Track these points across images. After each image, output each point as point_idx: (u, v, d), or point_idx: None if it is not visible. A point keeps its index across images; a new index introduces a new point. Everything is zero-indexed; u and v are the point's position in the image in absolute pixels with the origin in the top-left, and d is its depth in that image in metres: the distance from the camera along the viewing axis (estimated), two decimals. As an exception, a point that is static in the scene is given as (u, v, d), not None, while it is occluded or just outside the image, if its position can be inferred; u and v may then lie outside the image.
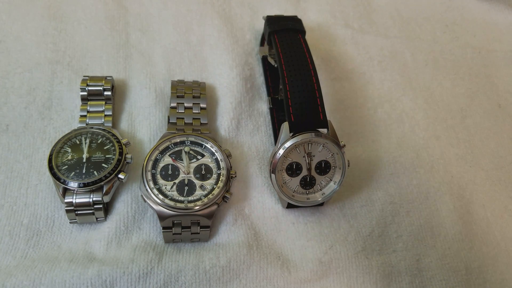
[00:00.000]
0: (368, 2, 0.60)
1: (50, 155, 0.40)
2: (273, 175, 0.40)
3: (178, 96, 0.45)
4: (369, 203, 0.45)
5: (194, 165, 0.41)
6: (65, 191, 0.39)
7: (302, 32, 0.47)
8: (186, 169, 0.40)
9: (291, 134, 0.40)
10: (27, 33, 0.50)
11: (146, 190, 0.39)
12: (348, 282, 0.40)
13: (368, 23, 0.58)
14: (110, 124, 0.44)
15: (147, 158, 0.40)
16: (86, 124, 0.43)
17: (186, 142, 0.42)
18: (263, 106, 0.50)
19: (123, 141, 0.42)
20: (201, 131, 0.43)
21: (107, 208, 0.41)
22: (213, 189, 0.40)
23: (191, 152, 0.41)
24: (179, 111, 0.45)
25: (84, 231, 0.41)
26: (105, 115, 0.44)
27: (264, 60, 0.52)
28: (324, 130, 0.40)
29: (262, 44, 0.53)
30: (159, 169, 0.40)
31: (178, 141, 0.42)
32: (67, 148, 0.41)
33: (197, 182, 0.40)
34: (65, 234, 0.40)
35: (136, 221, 0.41)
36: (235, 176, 0.41)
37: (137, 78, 0.49)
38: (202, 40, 0.53)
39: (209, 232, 0.40)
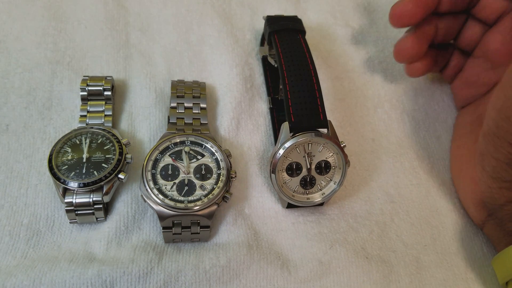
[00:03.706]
0: (368, 2, 0.60)
1: (50, 155, 0.40)
2: (273, 175, 0.40)
3: (178, 96, 0.45)
4: (369, 203, 0.45)
5: (194, 165, 0.41)
6: (65, 191, 0.39)
7: (302, 32, 0.46)
8: (186, 169, 0.40)
9: (291, 134, 0.40)
10: (27, 33, 0.50)
11: (146, 190, 0.39)
12: (348, 282, 0.40)
13: (369, 23, 0.58)
14: (110, 124, 0.44)
15: (147, 158, 0.40)
16: (86, 124, 0.43)
17: (186, 142, 0.42)
18: (263, 106, 0.50)
19: (123, 141, 0.42)
20: (201, 131, 0.43)
21: (107, 208, 0.41)
22: (213, 189, 0.40)
23: (191, 152, 0.41)
24: (179, 111, 0.45)
25: (84, 231, 0.41)
26: (105, 115, 0.44)
27: (264, 60, 0.52)
28: (324, 130, 0.40)
29: (262, 44, 0.53)
30: (159, 169, 0.40)
31: (178, 141, 0.42)
32: (67, 148, 0.41)
33: (197, 182, 0.40)
34: (65, 234, 0.40)
35: (136, 221, 0.41)
36: (235, 176, 0.41)
37: (137, 78, 0.49)
38: (202, 40, 0.53)
39: (209, 232, 0.40)
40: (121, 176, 0.40)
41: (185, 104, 0.45)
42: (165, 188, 0.39)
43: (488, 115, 0.39)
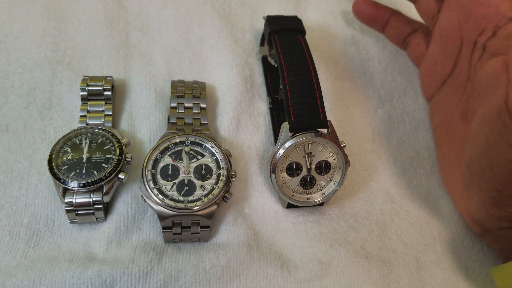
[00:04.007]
0: (368, 2, 0.60)
1: (50, 155, 0.40)
2: (273, 175, 0.40)
3: (178, 96, 0.45)
4: (369, 203, 0.45)
5: (194, 165, 0.41)
6: (65, 191, 0.39)
7: (302, 32, 0.46)
8: (186, 169, 0.40)
9: (291, 134, 0.40)
10: (27, 33, 0.50)
11: (146, 190, 0.39)
12: (348, 282, 0.40)
13: (368, 23, 0.58)
14: (110, 124, 0.44)
15: (147, 158, 0.40)
16: (86, 124, 0.43)
17: (186, 142, 0.42)
18: (263, 106, 0.50)
19: (123, 141, 0.42)
20: (201, 131, 0.43)
21: (107, 208, 0.41)
22: (213, 189, 0.40)
23: (191, 152, 0.41)
24: (179, 111, 0.45)
25: (84, 231, 0.41)
26: (105, 115, 0.44)
27: (264, 60, 0.52)
28: (324, 130, 0.40)
29: (262, 44, 0.53)
30: (159, 169, 0.40)
31: (178, 141, 0.42)
32: (67, 148, 0.41)
33: (197, 182, 0.40)
34: (65, 234, 0.40)
35: (136, 221, 0.41)
36: (235, 176, 0.41)
37: (137, 78, 0.49)
38: (202, 40, 0.53)
39: (209, 232, 0.40)
40: (121, 176, 0.40)
41: (185, 104, 0.45)
42: (165, 188, 0.39)
43: (472, 153, 0.36)
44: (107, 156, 0.40)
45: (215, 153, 0.41)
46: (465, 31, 0.40)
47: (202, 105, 0.45)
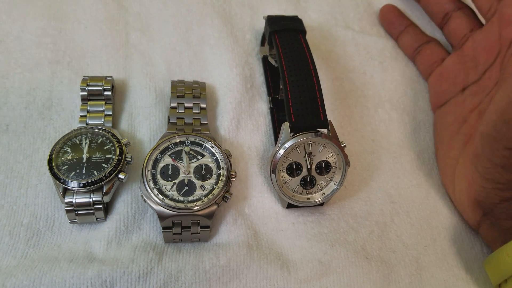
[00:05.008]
0: (369, 3, 0.60)
1: (50, 155, 0.40)
2: (273, 175, 0.40)
3: (178, 96, 0.45)
4: (369, 204, 0.45)
5: (194, 165, 0.41)
6: (65, 191, 0.39)
7: (303, 32, 0.46)
8: (186, 169, 0.40)
9: (292, 134, 0.40)
10: (27, 33, 0.50)
11: (146, 190, 0.39)
12: (348, 282, 0.40)
13: (369, 24, 0.58)
14: (110, 124, 0.44)
15: (147, 158, 0.40)
16: (86, 124, 0.43)
17: (186, 142, 0.42)
18: (263, 106, 0.50)
19: (123, 141, 0.42)
20: (201, 131, 0.43)
21: (107, 208, 0.41)
22: (213, 189, 0.40)
23: (191, 152, 0.41)
24: (179, 111, 0.45)
25: (84, 231, 0.41)
26: (105, 115, 0.44)
27: (264, 60, 0.52)
28: (324, 130, 0.40)
29: (262, 44, 0.53)
30: (159, 169, 0.40)
31: (178, 141, 0.42)
32: (67, 148, 0.41)
33: (197, 182, 0.40)
34: (65, 234, 0.40)
35: (136, 221, 0.41)
36: (235, 176, 0.41)
37: (137, 78, 0.49)
38: (202, 40, 0.53)
39: (209, 232, 0.40)
40: (121, 176, 0.40)
41: (185, 104, 0.45)
42: (165, 188, 0.39)
43: (488, 117, 0.39)
44: (107, 156, 0.40)
45: (215, 153, 0.41)
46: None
47: (202, 105, 0.45)
